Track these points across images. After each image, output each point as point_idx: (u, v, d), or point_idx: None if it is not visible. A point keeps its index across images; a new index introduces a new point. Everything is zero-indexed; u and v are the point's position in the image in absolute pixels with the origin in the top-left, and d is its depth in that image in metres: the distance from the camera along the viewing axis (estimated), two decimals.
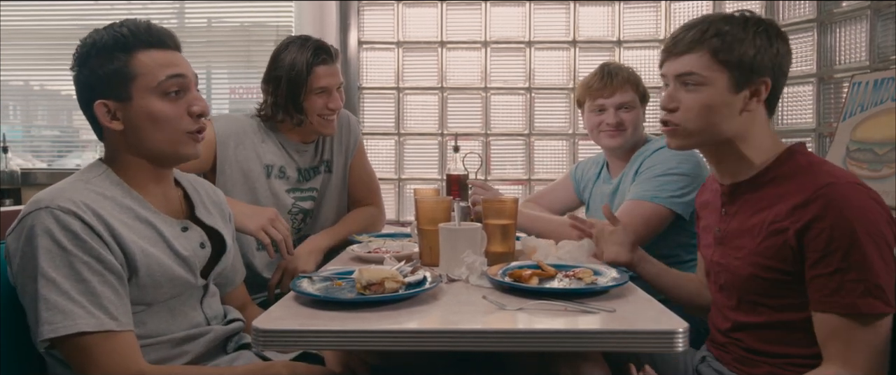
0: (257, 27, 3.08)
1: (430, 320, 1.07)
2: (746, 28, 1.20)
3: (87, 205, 1.07)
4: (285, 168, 1.85)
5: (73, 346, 1.03)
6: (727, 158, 1.25)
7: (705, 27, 1.21)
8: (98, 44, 1.13)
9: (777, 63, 1.21)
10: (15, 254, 1.06)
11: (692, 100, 1.22)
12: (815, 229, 1.09)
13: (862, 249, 1.06)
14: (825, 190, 1.10)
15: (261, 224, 1.59)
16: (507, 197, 1.50)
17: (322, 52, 1.78)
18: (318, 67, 1.76)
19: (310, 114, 1.79)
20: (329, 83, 1.78)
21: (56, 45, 3.08)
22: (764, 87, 1.20)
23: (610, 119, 1.89)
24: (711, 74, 1.20)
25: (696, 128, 1.23)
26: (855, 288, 1.07)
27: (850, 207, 1.08)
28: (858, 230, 1.07)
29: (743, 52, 1.18)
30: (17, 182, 2.99)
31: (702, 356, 1.37)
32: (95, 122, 1.17)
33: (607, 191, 1.95)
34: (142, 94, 1.13)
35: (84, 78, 1.14)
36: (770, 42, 1.20)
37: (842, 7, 2.35)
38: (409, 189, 2.96)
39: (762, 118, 1.23)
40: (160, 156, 1.18)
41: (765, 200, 1.20)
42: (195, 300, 1.22)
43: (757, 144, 1.23)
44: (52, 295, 1.02)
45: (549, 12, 2.94)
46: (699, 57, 1.20)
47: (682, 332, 0.97)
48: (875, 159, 2.00)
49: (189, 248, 1.20)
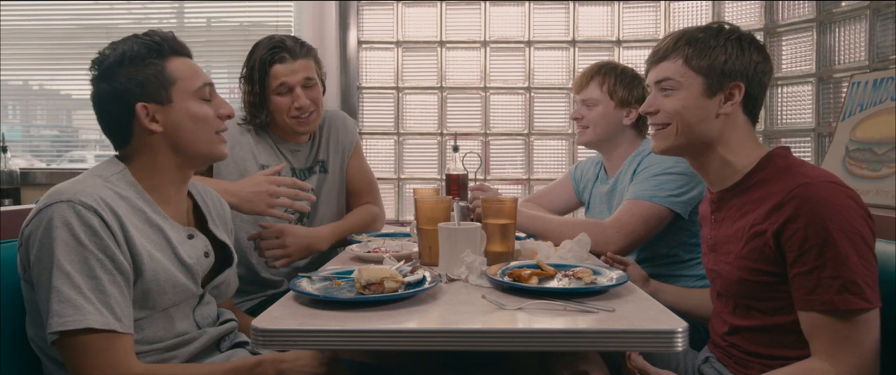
0: (256, 27, 3.08)
1: (430, 320, 1.07)
2: (718, 36, 1.26)
3: (105, 203, 1.08)
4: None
5: (75, 343, 1.03)
6: (710, 164, 1.29)
7: (679, 35, 1.29)
8: (129, 52, 1.17)
9: (751, 70, 1.25)
10: (32, 245, 1.06)
11: (668, 104, 1.28)
12: (790, 229, 1.11)
13: (836, 246, 1.08)
14: (799, 190, 1.12)
15: (267, 203, 1.56)
16: (506, 197, 1.50)
17: (280, 49, 1.74)
18: (275, 66, 1.73)
19: (277, 114, 1.77)
20: (289, 80, 1.74)
21: (55, 44, 3.08)
22: (737, 91, 1.25)
23: (573, 113, 1.96)
24: (685, 79, 1.26)
25: (679, 129, 1.27)
26: (831, 285, 1.08)
27: (824, 205, 1.10)
28: (831, 227, 1.08)
29: (714, 58, 1.24)
30: (17, 181, 2.99)
31: (705, 356, 1.37)
32: (126, 126, 1.18)
33: (604, 191, 1.95)
34: (182, 97, 1.19)
35: (120, 85, 1.16)
36: (742, 50, 1.25)
37: (841, 7, 2.35)
38: (408, 188, 2.96)
39: (742, 124, 1.27)
40: (196, 156, 1.22)
41: (747, 205, 1.23)
42: (189, 308, 1.23)
43: (738, 150, 1.26)
44: (65, 287, 1.03)
45: (549, 12, 2.94)
46: (673, 63, 1.28)
47: (681, 332, 0.97)
48: (874, 159, 2.00)
49: (193, 256, 1.21)
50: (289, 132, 1.83)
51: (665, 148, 1.31)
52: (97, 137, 3.22)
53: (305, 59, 1.78)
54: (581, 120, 1.93)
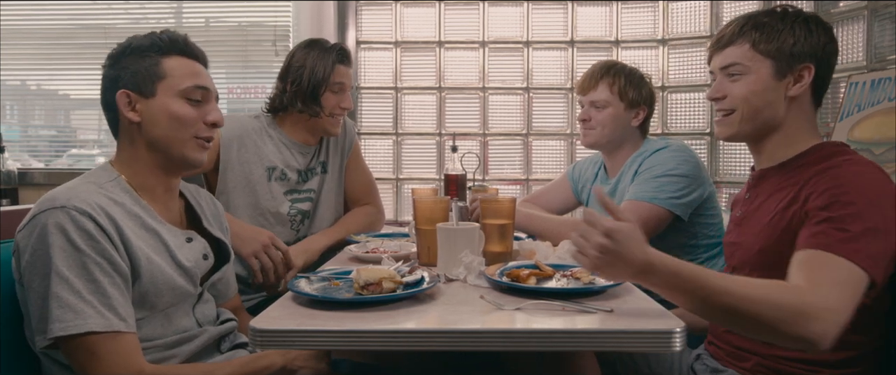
0: (255, 27, 3.07)
1: (428, 320, 1.07)
2: (785, 19, 1.25)
3: (101, 208, 1.09)
4: (285, 170, 1.85)
5: (79, 345, 1.03)
6: (765, 146, 1.29)
7: (745, 21, 1.27)
8: (134, 44, 1.21)
9: (819, 51, 1.24)
10: (25, 251, 1.06)
11: (737, 89, 1.27)
12: (817, 192, 1.13)
13: (857, 214, 1.07)
14: (836, 162, 1.15)
15: (254, 249, 1.62)
16: (504, 198, 1.50)
17: (343, 52, 1.89)
18: (340, 65, 1.86)
19: (325, 108, 1.84)
20: (346, 81, 1.87)
21: (54, 44, 3.07)
22: (807, 73, 1.24)
23: (581, 115, 1.92)
24: (753, 64, 1.25)
25: (744, 115, 1.26)
26: (835, 234, 1.07)
27: (855, 178, 1.11)
28: (857, 199, 1.08)
29: (783, 41, 1.23)
30: (14, 182, 2.99)
31: (697, 354, 1.37)
32: (114, 114, 1.20)
33: (605, 192, 1.95)
34: (166, 94, 1.20)
35: (113, 73, 1.20)
36: (810, 31, 1.24)
37: (839, 7, 2.35)
38: (407, 189, 2.96)
39: (807, 107, 1.26)
40: (171, 157, 1.21)
41: (786, 182, 1.23)
42: (188, 306, 1.23)
43: (797, 135, 1.26)
44: (65, 292, 1.03)
45: (547, 12, 2.94)
46: (740, 48, 1.26)
47: (679, 332, 0.97)
48: (872, 159, 2.01)
49: (192, 259, 1.21)
50: (318, 130, 1.89)
51: (730, 134, 1.30)
52: (96, 137, 3.21)
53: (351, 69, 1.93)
54: (588, 121, 1.91)
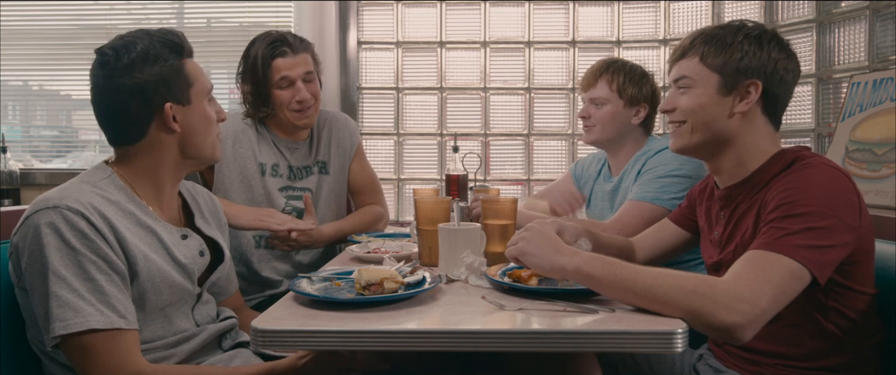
0: (256, 27, 3.07)
1: (429, 320, 1.07)
2: (736, 33, 1.24)
3: (93, 207, 1.08)
4: (278, 166, 1.85)
5: (79, 344, 1.03)
6: (723, 164, 1.28)
7: (699, 34, 1.28)
8: (152, 50, 1.14)
9: (769, 67, 1.23)
10: (22, 252, 1.06)
11: (684, 101, 1.28)
12: (770, 199, 1.13)
13: (801, 214, 1.07)
14: (792, 173, 1.15)
15: (257, 215, 1.63)
16: (505, 198, 1.49)
17: (281, 44, 1.77)
18: (276, 60, 1.76)
19: (279, 108, 1.79)
20: (291, 74, 1.77)
21: (55, 45, 3.08)
22: (754, 89, 1.23)
23: (581, 112, 1.93)
24: (700, 77, 1.26)
25: (694, 126, 1.26)
26: (774, 234, 1.07)
27: (804, 181, 1.11)
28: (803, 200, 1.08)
29: (729, 56, 1.23)
30: (16, 182, 2.99)
31: (699, 354, 1.37)
32: (143, 124, 1.16)
33: (608, 189, 1.95)
34: (198, 99, 1.20)
35: (143, 82, 1.13)
36: (761, 46, 1.23)
37: (841, 7, 2.35)
38: (408, 189, 2.96)
39: (761, 125, 1.25)
40: (200, 158, 1.23)
41: (754, 197, 1.22)
42: (188, 307, 1.23)
43: (753, 151, 1.24)
44: (63, 292, 1.03)
45: (549, 12, 2.94)
46: (690, 61, 1.28)
47: (680, 333, 0.97)
48: (874, 159, 2.00)
49: (188, 256, 1.21)
50: (288, 127, 1.85)
51: (682, 146, 1.30)
52: (97, 137, 3.22)
53: (305, 54, 1.81)
54: (588, 119, 1.91)
